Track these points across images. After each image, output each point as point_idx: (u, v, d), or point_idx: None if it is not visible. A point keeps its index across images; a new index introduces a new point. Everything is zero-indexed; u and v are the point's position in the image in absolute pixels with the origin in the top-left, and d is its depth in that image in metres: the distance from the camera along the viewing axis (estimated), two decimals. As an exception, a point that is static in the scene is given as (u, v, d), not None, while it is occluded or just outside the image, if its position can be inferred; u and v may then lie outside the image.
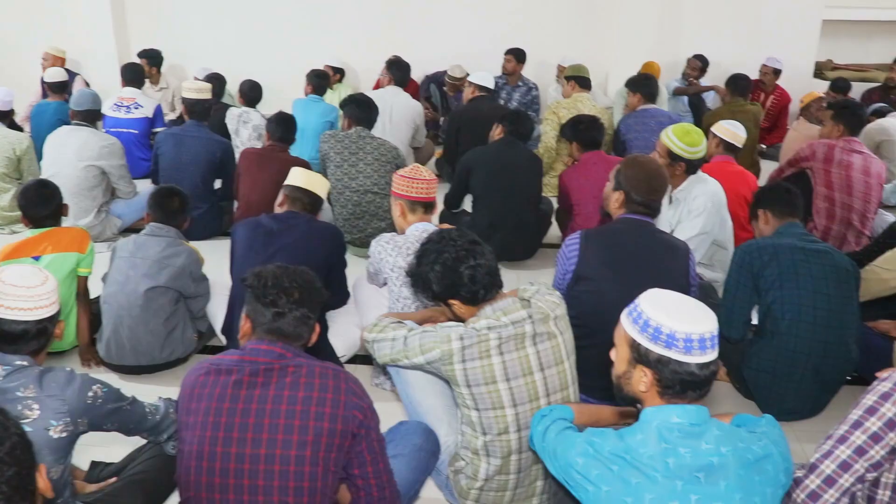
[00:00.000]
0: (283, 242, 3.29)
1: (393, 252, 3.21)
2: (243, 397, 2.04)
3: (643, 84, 5.81)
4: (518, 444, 2.45)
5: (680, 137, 3.81)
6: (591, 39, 8.17)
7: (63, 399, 2.16)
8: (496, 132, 4.87)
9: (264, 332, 2.14)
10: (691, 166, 3.89)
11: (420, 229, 3.23)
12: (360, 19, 8.40)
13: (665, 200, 3.20)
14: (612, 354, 2.02)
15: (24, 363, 2.20)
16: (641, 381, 1.88)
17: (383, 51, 7.77)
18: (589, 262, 3.01)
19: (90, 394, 2.21)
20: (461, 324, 2.47)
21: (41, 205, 3.62)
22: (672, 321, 1.82)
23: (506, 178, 4.61)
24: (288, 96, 6.70)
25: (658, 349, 1.83)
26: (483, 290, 2.47)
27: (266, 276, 2.16)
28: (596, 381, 2.85)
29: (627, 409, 2.43)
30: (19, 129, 5.96)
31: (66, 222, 3.78)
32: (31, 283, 2.22)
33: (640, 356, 1.88)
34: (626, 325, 1.93)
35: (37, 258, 3.53)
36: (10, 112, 5.71)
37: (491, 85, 6.18)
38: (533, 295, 2.52)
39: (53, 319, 2.29)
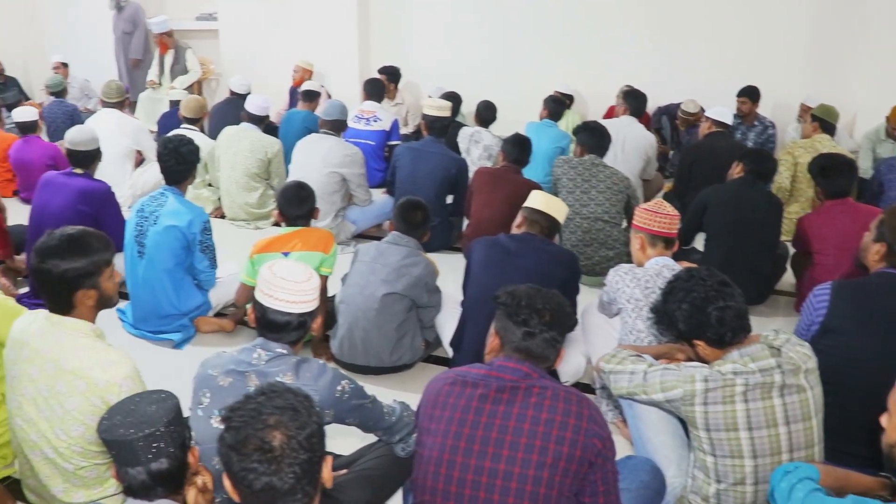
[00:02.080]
0: (521, 263, 3.34)
1: (631, 283, 3.17)
2: (487, 412, 2.09)
3: None
4: (753, 498, 2.34)
5: (947, 190, 3.51)
6: (835, 78, 7.63)
7: (316, 389, 2.27)
8: (735, 170, 4.69)
9: (513, 351, 2.18)
10: (959, 222, 3.56)
11: (660, 264, 3.19)
12: (589, 46, 8.32)
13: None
14: (884, 420, 1.88)
15: (284, 351, 2.36)
16: (918, 453, 1.75)
17: (613, 79, 7.72)
18: (839, 315, 2.83)
19: (339, 387, 2.33)
20: (705, 365, 2.40)
21: (297, 205, 3.89)
22: (959, 393, 1.68)
23: (743, 219, 4.43)
24: (517, 118, 6.81)
25: (940, 421, 1.69)
26: (730, 333, 2.40)
27: (520, 295, 2.20)
28: (836, 442, 2.67)
29: (880, 479, 2.25)
30: (274, 133, 6.41)
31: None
32: (298, 278, 2.36)
33: (917, 426, 1.74)
34: (903, 390, 1.80)
35: (286, 254, 3.78)
36: (266, 118, 6.16)
37: (729, 121, 5.96)
38: (783, 344, 2.41)
39: (313, 314, 2.42)
